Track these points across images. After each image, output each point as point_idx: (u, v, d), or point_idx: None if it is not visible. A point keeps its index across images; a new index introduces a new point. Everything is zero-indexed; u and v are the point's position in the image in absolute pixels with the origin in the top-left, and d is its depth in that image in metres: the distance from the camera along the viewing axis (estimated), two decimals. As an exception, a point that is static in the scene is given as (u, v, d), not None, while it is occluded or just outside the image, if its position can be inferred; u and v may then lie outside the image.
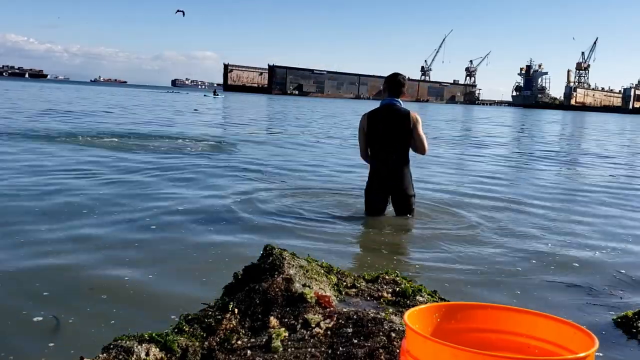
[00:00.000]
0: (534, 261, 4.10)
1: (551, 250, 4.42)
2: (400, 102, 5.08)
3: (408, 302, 2.33)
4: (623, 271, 3.96)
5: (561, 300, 3.33)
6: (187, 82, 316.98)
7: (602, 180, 9.12)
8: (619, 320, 2.97)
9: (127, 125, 15.80)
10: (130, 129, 14.63)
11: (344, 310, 2.16)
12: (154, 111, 26.23)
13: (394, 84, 5.08)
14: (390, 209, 5.25)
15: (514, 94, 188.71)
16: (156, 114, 23.56)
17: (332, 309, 2.18)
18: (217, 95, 65.74)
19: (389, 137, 4.99)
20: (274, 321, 2.09)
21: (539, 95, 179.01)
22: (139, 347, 1.88)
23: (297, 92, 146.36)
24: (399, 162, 5.03)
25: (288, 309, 2.17)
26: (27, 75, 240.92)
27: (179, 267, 3.60)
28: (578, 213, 6.01)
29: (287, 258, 2.47)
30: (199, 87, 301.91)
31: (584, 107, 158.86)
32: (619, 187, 8.44)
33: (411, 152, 5.13)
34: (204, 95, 66.79)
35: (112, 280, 3.30)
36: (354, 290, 2.45)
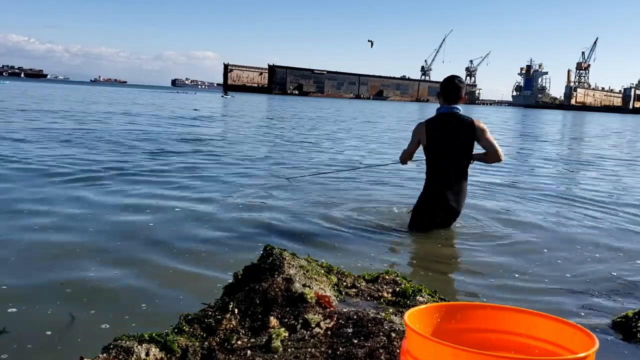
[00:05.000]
0: (534, 262, 4.10)
1: (551, 251, 4.42)
2: (460, 108, 4.57)
3: (408, 302, 2.33)
4: (623, 271, 3.96)
5: (561, 301, 3.33)
6: (187, 82, 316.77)
7: (604, 183, 9.12)
8: (619, 320, 2.97)
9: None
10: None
11: (344, 310, 2.16)
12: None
13: (451, 88, 4.53)
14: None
15: (514, 93, 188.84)
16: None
17: (332, 309, 2.18)
18: (227, 96, 70.23)
19: (450, 149, 4.52)
20: (274, 321, 2.09)
21: (539, 95, 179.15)
22: (139, 347, 1.88)
23: (297, 92, 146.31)
24: (459, 176, 4.57)
25: (288, 309, 2.17)
26: (22, 75, 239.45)
27: (179, 267, 3.60)
28: (578, 213, 6.01)
29: (287, 258, 2.47)
30: (199, 87, 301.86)
31: (584, 107, 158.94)
32: (622, 189, 8.44)
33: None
34: (221, 96, 69.20)
35: (111, 280, 3.31)
36: (354, 290, 2.45)
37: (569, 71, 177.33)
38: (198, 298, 2.72)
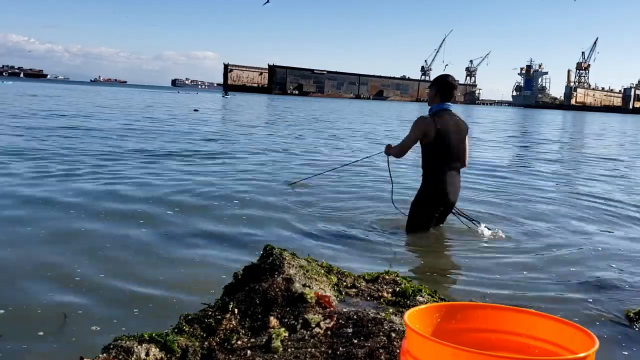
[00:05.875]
0: (534, 262, 4.10)
1: (551, 251, 4.42)
2: (452, 106, 4.63)
3: (408, 302, 2.33)
4: (623, 271, 3.96)
5: (561, 301, 3.33)
6: (187, 82, 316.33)
7: (605, 182, 9.12)
8: (620, 320, 2.97)
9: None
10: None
11: (344, 310, 2.16)
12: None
13: (448, 87, 4.54)
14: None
15: (514, 93, 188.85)
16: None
17: (332, 309, 2.17)
18: (228, 96, 73.02)
19: (455, 145, 4.53)
20: (274, 321, 2.09)
21: (539, 95, 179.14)
22: (139, 347, 1.88)
23: (297, 92, 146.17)
24: (458, 175, 4.67)
25: (288, 309, 2.17)
26: (22, 75, 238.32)
27: (179, 267, 3.60)
28: (578, 213, 6.01)
29: (287, 258, 2.47)
30: (199, 86, 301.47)
31: (584, 107, 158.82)
32: (624, 188, 8.44)
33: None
34: (222, 96, 71.46)
35: (112, 280, 3.30)
36: (354, 290, 2.45)
37: (569, 71, 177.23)
38: (198, 298, 2.72)
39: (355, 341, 1.93)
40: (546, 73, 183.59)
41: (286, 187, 6.73)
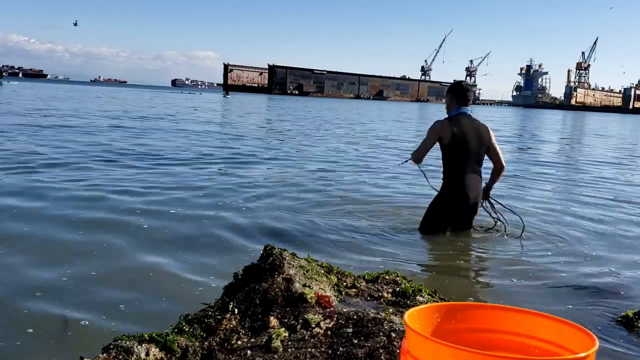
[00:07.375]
0: (534, 262, 4.10)
1: (551, 252, 4.42)
2: (471, 111, 4.70)
3: (408, 302, 2.33)
4: (623, 271, 3.96)
5: (561, 301, 3.33)
6: (187, 82, 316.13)
7: (606, 183, 9.12)
8: (619, 320, 2.97)
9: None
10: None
11: (344, 310, 2.16)
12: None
13: (462, 90, 4.68)
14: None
15: (514, 93, 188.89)
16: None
17: (332, 309, 2.17)
18: (228, 96, 75.22)
19: (474, 149, 4.57)
20: (274, 321, 2.09)
21: (539, 95, 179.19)
22: (139, 347, 1.88)
23: (297, 92, 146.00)
24: (479, 178, 4.66)
25: (288, 309, 2.17)
26: (20, 75, 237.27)
27: (179, 267, 3.60)
28: (578, 214, 6.01)
29: (287, 258, 2.47)
30: (199, 86, 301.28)
31: (584, 107, 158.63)
32: (625, 188, 8.44)
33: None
34: (223, 96, 73.00)
35: (111, 281, 3.30)
36: (354, 290, 2.45)
37: (569, 71, 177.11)
38: (198, 298, 2.72)
39: (355, 341, 1.93)
40: (546, 73, 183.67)
41: (285, 189, 6.72)
